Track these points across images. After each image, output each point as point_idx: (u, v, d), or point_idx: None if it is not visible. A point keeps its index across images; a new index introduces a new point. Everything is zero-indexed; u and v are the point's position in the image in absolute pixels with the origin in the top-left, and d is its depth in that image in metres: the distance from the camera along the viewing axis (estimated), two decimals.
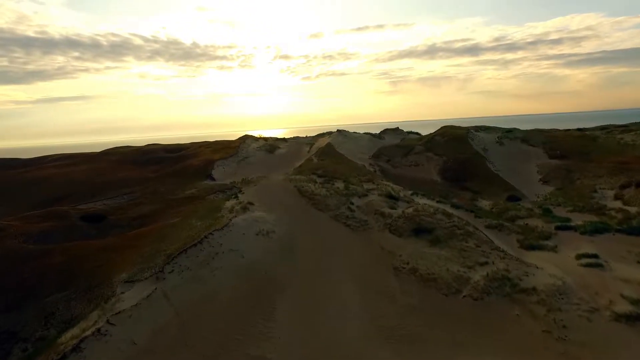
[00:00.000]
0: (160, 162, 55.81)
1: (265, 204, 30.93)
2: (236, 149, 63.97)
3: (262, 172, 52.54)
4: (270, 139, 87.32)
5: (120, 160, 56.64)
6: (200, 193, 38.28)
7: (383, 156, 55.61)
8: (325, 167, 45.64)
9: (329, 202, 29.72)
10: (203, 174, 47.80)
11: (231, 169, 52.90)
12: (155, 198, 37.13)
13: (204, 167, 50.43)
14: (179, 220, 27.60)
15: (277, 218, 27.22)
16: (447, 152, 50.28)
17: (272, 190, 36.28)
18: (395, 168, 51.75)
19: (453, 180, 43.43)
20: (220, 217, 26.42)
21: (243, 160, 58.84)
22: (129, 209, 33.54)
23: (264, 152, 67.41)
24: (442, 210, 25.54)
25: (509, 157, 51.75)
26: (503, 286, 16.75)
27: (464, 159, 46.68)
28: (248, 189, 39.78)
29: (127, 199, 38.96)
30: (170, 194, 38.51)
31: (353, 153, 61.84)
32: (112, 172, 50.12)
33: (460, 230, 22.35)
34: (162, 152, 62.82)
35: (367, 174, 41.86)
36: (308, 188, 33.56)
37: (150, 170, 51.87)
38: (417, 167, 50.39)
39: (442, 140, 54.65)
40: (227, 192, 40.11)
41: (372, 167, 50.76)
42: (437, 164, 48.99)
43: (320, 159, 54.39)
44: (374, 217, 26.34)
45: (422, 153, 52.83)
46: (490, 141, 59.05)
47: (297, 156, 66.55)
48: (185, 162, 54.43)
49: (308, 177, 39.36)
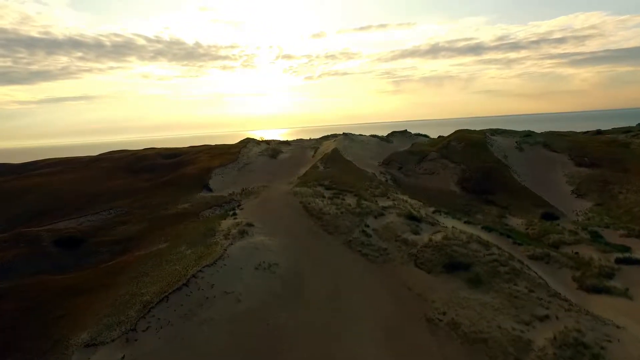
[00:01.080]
0: (154, 169, 51.95)
1: (267, 224, 26.95)
2: (236, 155, 60.06)
3: (263, 181, 48.62)
4: (273, 142, 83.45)
5: (112, 168, 52.80)
6: (194, 208, 34.34)
7: (394, 163, 51.50)
8: (333, 177, 41.64)
9: (340, 224, 25.68)
10: (199, 184, 43.85)
11: (230, 177, 48.95)
12: (143, 214, 33.22)
13: (200, 176, 46.49)
14: (165, 247, 23.65)
15: (280, 244, 23.20)
16: (466, 159, 46.10)
17: (274, 205, 32.30)
18: (408, 177, 47.65)
19: (475, 191, 39.26)
20: (214, 244, 22.45)
21: (244, 168, 54.90)
22: (113, 229, 29.63)
23: (266, 158, 63.48)
24: (477, 238, 21.44)
25: (531, 165, 47.54)
26: (580, 357, 12.66)
27: (486, 168, 42.46)
28: (248, 203, 35.82)
29: (114, 213, 35.07)
30: (161, 209, 34.59)
31: (361, 159, 57.78)
32: (101, 181, 46.28)
33: (504, 266, 18.26)
34: (157, 158, 58.95)
35: (379, 185, 37.78)
36: (315, 205, 29.53)
37: (143, 178, 48.02)
38: (432, 176, 46.26)
39: (458, 146, 50.46)
40: (225, 206, 36.17)
41: (383, 175, 46.70)
42: (455, 172, 44.83)
43: (326, 167, 50.40)
44: (395, 245, 22.27)
45: (437, 160, 48.67)
46: (508, 146, 54.84)
47: (301, 161, 62.59)
48: (181, 169, 50.54)
49: (314, 189, 35.34)
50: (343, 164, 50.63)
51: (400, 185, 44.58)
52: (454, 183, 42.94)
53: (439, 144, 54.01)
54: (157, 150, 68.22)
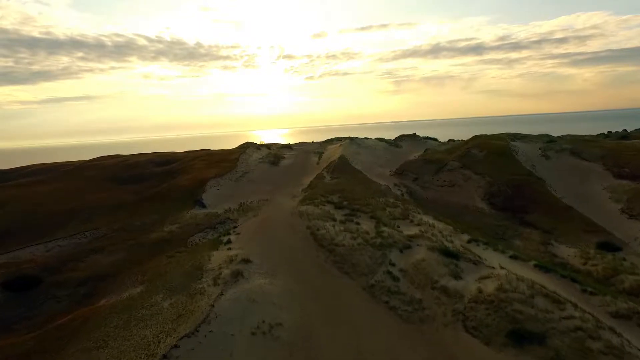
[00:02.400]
0: (143, 179, 47.05)
1: (267, 258, 21.97)
2: (235, 162, 55.14)
3: (264, 193, 43.67)
4: (274, 146, 78.54)
5: (97, 177, 47.91)
6: (182, 231, 29.39)
7: (408, 173, 46.52)
8: (342, 191, 36.68)
9: (358, 260, 20.70)
10: (192, 198, 38.91)
11: (227, 189, 44.00)
12: (123, 239, 28.31)
13: (193, 188, 41.53)
14: (139, 293, 18.68)
15: (284, 291, 18.21)
16: (491, 170, 41.07)
17: (276, 229, 27.31)
18: (426, 190, 42.67)
19: (506, 209, 34.24)
20: (199, 294, 17.49)
21: (242, 177, 49.96)
22: (83, 260, 24.71)
23: (267, 165, 58.56)
24: (542, 289, 16.43)
25: (563, 176, 42.47)
26: None
27: (517, 181, 37.40)
28: (245, 225, 30.84)
29: (90, 237, 30.16)
30: (144, 233, 29.65)
31: (370, 167, 52.80)
32: (83, 194, 41.38)
33: (595, 340, 13.27)
34: (149, 165, 54.03)
35: (397, 202, 32.73)
36: (325, 231, 24.52)
37: (129, 190, 43.11)
38: (453, 189, 41.25)
39: (480, 155, 45.43)
40: (219, 227, 31.24)
41: (398, 188, 41.70)
42: (479, 185, 39.80)
43: (333, 177, 45.44)
44: (433, 295, 17.28)
45: (458, 170, 43.65)
46: (533, 154, 49.80)
47: (304, 169, 57.64)
48: (173, 180, 45.61)
49: (322, 208, 30.36)
50: (352, 174, 45.68)
51: (418, 199, 39.58)
52: (480, 198, 37.90)
53: (458, 152, 48.94)
54: (150, 156, 63.29)
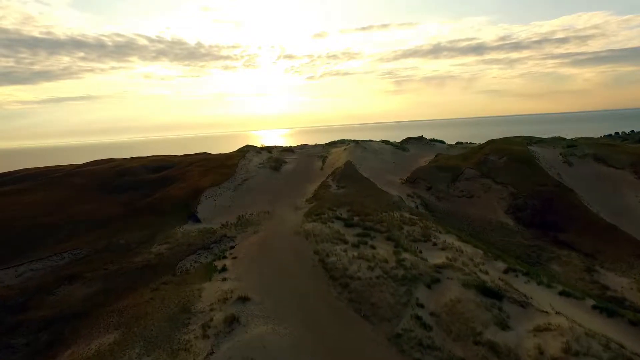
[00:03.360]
0: (134, 188, 43.52)
1: (269, 293, 18.41)
2: (233, 168, 51.65)
3: (265, 204, 40.14)
4: (275, 149, 75.15)
5: (85, 186, 44.39)
6: (172, 253, 25.82)
7: (421, 182, 42.93)
8: (351, 203, 33.21)
9: (379, 299, 17.13)
10: (185, 211, 35.39)
11: (225, 199, 40.46)
12: (103, 263, 24.78)
13: (187, 199, 37.98)
14: (109, 346, 15.10)
15: (291, 345, 14.66)
16: (514, 180, 37.46)
17: (278, 254, 23.74)
18: (441, 200, 39.07)
19: (535, 225, 30.65)
20: (184, 349, 13.96)
21: (242, 185, 46.44)
22: (53, 293, 21.16)
23: (268, 170, 55.07)
24: (619, 350, 12.87)
25: (591, 186, 38.87)
26: None
27: (545, 192, 33.79)
28: (244, 245, 27.26)
29: (67, 259, 26.62)
30: (129, 254, 26.11)
31: (379, 174, 49.26)
32: (67, 205, 37.85)
33: None
34: (141, 172, 50.48)
35: (414, 219, 29.11)
36: (337, 258, 20.95)
37: (118, 201, 39.59)
38: (472, 200, 37.66)
39: (500, 162, 41.81)
40: (214, 248, 27.70)
41: (412, 199, 38.13)
42: (501, 196, 36.21)
43: (340, 185, 41.94)
44: (478, 354, 13.72)
45: (476, 179, 40.05)
46: (554, 160, 46.25)
47: (308, 175, 54.14)
48: (165, 189, 42.07)
49: (331, 226, 26.83)
50: (360, 183, 42.14)
51: (434, 212, 36.01)
52: (503, 211, 34.29)
53: (474, 158, 45.32)
54: (144, 160, 59.77)
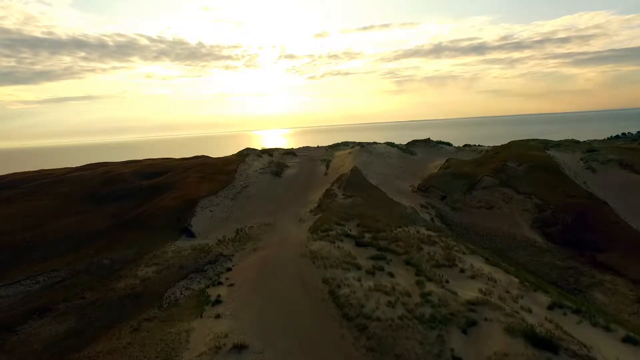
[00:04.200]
0: (125, 197, 40.37)
1: (270, 339, 15.21)
2: (232, 174, 48.55)
3: (266, 214, 37.01)
4: (276, 152, 72.10)
5: (72, 195, 41.23)
6: (159, 278, 22.63)
7: (434, 190, 39.73)
8: (361, 215, 30.09)
9: (405, 349, 13.95)
10: (178, 224, 32.21)
11: (222, 210, 37.30)
12: (81, 289, 21.64)
13: (181, 210, 34.79)
14: None
15: None
16: (538, 190, 34.21)
17: (281, 282, 20.53)
18: (457, 211, 35.84)
19: (568, 243, 27.41)
20: None
21: (241, 193, 43.30)
22: (16, 332, 17.99)
23: (269, 176, 52.00)
24: None
25: (620, 196, 35.64)
26: None
27: (576, 205, 30.54)
28: (242, 267, 24.07)
29: (42, 283, 23.47)
30: (112, 278, 22.95)
31: (387, 181, 46.09)
32: (50, 217, 34.73)
33: None
34: (134, 178, 47.30)
35: (433, 236, 25.86)
36: (349, 290, 17.73)
37: (107, 212, 36.43)
38: (492, 212, 34.42)
39: (520, 170, 38.57)
40: (208, 270, 24.53)
41: (426, 210, 34.92)
42: (525, 208, 32.98)
43: (346, 194, 38.77)
44: None
45: (495, 188, 36.80)
46: (576, 167, 43.01)
47: (312, 181, 51.05)
48: (158, 198, 38.90)
49: (340, 246, 23.63)
50: (368, 191, 38.95)
51: (451, 225, 32.82)
52: (528, 225, 31.06)
53: (491, 165, 42.04)
54: (138, 165, 56.63)
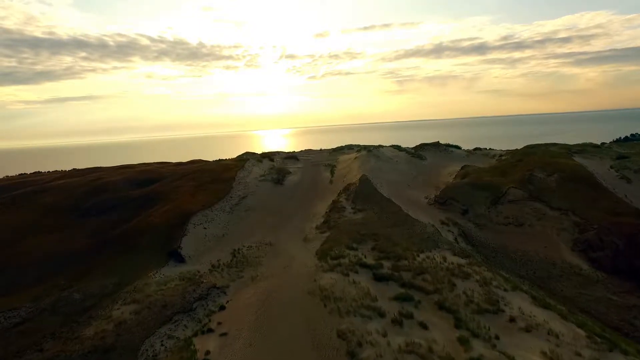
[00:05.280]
0: (111, 209, 36.40)
1: None
2: (230, 183, 44.53)
3: (267, 229, 32.97)
4: (277, 156, 68.08)
5: (53, 207, 37.25)
6: (137, 322, 18.60)
7: (454, 203, 35.63)
8: (375, 236, 26.12)
9: None
10: (166, 245, 28.19)
11: (218, 226, 33.23)
12: (41, 336, 17.69)
13: (171, 227, 30.75)
14: None
15: None
16: (575, 204, 30.09)
17: (285, 329, 16.50)
18: (483, 229, 31.74)
19: (620, 271, 23.33)
20: None
21: (239, 205, 39.25)
22: None
23: (270, 184, 47.98)
24: None
25: None
26: None
27: (628, 225, 26.31)
28: (237, 305, 20.06)
29: None
30: (80, 323, 18.99)
31: (398, 190, 41.99)
32: (22, 236, 30.74)
33: None
34: (124, 187, 43.20)
35: (464, 265, 21.77)
36: (374, 353, 13.78)
37: (88, 228, 32.46)
38: (522, 230, 30.32)
39: (550, 181, 34.43)
40: (197, 310, 20.51)
41: (447, 227, 30.83)
42: (562, 226, 28.87)
43: (356, 208, 34.76)
44: None
45: (524, 203, 32.68)
46: (605, 174, 38.86)
47: (316, 189, 47.02)
48: (147, 212, 34.85)
49: (355, 280, 19.60)
50: (380, 204, 34.86)
51: (478, 247, 28.74)
52: (568, 247, 26.95)
53: (514, 174, 37.84)
54: (130, 172, 52.55)
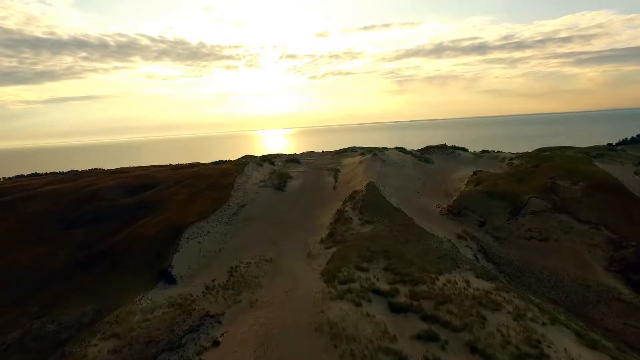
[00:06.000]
0: (100, 219, 33.68)
1: None
2: (229, 189, 41.89)
3: (267, 242, 30.28)
4: (278, 159, 65.48)
5: (37, 216, 34.56)
6: None
7: (470, 214, 32.97)
8: (386, 253, 23.46)
9: None
10: (156, 262, 25.49)
11: (214, 239, 30.53)
12: None
13: (162, 241, 28.06)
14: None
15: None
16: (607, 217, 27.42)
17: None
18: (503, 243, 29.07)
19: None
20: None
21: (238, 214, 36.56)
22: None
23: (270, 190, 45.37)
24: None
25: None
26: None
27: None
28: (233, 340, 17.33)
29: None
30: None
31: (408, 198, 39.37)
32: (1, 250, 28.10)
33: None
34: (115, 194, 40.53)
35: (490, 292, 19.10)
36: None
37: (73, 242, 29.78)
38: (547, 246, 27.64)
39: (576, 190, 31.73)
40: (187, 344, 17.70)
41: (464, 242, 28.15)
42: (593, 242, 26.21)
43: (364, 219, 32.10)
44: None
45: (548, 215, 29.98)
46: (630, 181, 36.22)
47: (319, 195, 44.43)
48: (138, 223, 32.14)
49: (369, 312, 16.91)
50: (389, 215, 32.16)
51: (500, 265, 26.04)
52: (603, 268, 24.26)
53: (533, 181, 35.10)
54: (124, 177, 49.81)
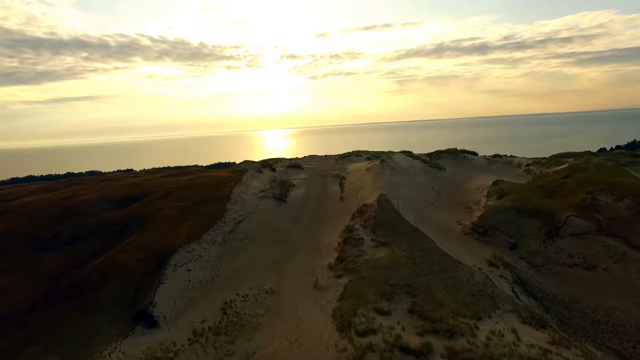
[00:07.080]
0: (78, 240, 29.72)
1: None
2: (225, 202, 37.82)
3: (266, 267, 26.25)
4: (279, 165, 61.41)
5: (9, 236, 30.49)
6: None
7: (498, 234, 28.88)
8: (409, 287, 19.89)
9: None
10: (136, 299, 21.48)
11: (206, 265, 26.47)
12: None
13: (144, 271, 23.99)
14: None
15: None
16: None
17: None
18: (540, 271, 24.95)
19: None
20: None
21: (234, 232, 32.51)
22: None
23: (271, 202, 41.30)
24: None
25: None
26: None
27: None
28: None
29: None
30: None
31: (423, 212, 35.24)
32: None
33: None
34: (99, 208, 36.33)
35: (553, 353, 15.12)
36: None
37: (43, 270, 25.79)
38: (596, 274, 23.56)
39: (622, 208, 27.57)
40: None
41: (497, 271, 24.08)
42: None
43: (377, 240, 28.02)
44: None
45: (592, 237, 25.87)
46: None
47: (324, 208, 40.32)
48: (118, 247, 28.11)
49: None
50: (408, 237, 27.96)
51: (543, 300, 21.94)
52: None
53: (568, 196, 30.95)
54: (111, 188, 45.56)
